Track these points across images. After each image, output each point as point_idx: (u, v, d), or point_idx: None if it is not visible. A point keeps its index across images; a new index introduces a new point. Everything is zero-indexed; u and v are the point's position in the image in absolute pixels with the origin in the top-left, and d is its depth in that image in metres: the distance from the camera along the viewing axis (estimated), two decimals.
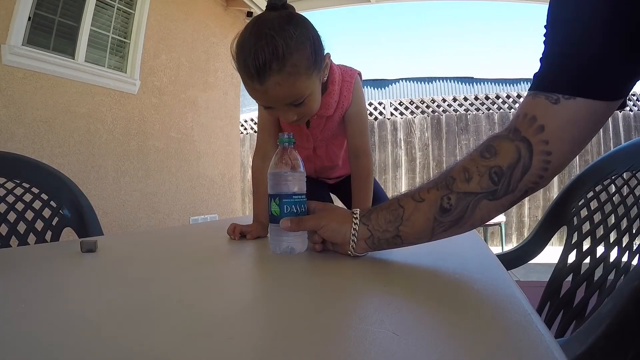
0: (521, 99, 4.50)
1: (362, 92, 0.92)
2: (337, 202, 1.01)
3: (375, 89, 11.02)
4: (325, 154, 0.96)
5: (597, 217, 0.87)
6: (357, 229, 0.57)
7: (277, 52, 0.66)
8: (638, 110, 4.88)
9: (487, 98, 5.14)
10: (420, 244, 0.58)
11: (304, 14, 0.81)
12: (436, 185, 0.54)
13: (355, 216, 0.58)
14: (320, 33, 0.76)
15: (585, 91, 0.46)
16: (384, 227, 0.56)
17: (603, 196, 0.89)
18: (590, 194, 0.91)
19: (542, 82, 0.49)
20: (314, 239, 0.65)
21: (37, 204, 1.08)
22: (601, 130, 4.74)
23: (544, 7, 0.51)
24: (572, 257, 0.85)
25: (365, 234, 0.57)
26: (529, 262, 1.02)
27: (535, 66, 0.53)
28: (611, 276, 0.75)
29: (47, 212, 1.07)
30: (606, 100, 0.47)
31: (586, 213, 0.90)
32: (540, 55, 0.50)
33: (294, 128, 0.89)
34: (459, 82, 11.10)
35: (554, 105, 0.47)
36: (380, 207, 0.58)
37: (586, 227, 0.88)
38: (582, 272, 0.82)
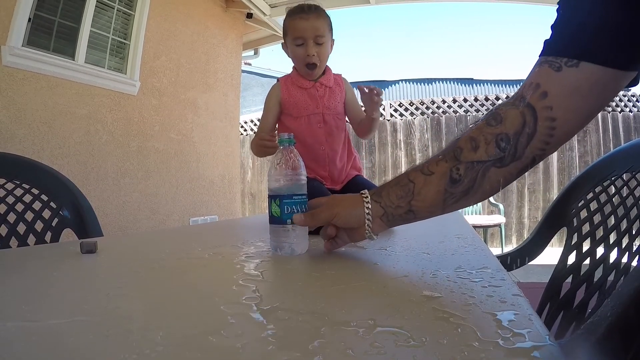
0: None
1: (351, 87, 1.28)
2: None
3: None
4: (334, 123, 1.17)
5: (597, 218, 0.87)
6: (370, 207, 0.57)
7: (319, 6, 1.15)
8: (638, 111, 4.89)
9: (486, 99, 5.14)
10: (421, 247, 0.57)
11: None
12: (444, 157, 0.54)
13: (365, 196, 0.59)
14: None
15: (589, 56, 0.46)
16: (395, 203, 0.56)
17: (603, 197, 0.89)
18: (590, 195, 0.91)
19: (549, 47, 0.50)
20: (327, 233, 0.63)
21: (37, 205, 1.08)
22: (601, 131, 4.75)
23: (544, 8, 0.52)
24: (572, 258, 0.85)
25: (379, 212, 0.57)
26: (529, 263, 1.02)
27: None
28: (611, 277, 0.75)
29: (47, 213, 1.07)
30: (610, 68, 0.46)
31: (586, 214, 0.90)
32: (552, 23, 0.51)
33: (307, 96, 1.16)
34: (459, 84, 11.10)
35: (557, 73, 0.48)
36: (389, 183, 0.59)
37: (586, 228, 0.88)
38: (582, 273, 0.82)
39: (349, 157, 1.21)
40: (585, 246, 0.85)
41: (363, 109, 1.22)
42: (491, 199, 4.54)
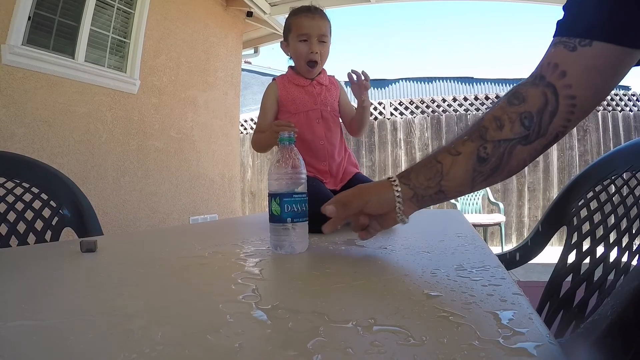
0: None
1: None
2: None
3: (375, 89, 11.02)
4: (332, 119, 1.22)
5: (597, 217, 0.87)
6: (399, 190, 0.58)
7: (322, 9, 1.21)
8: (638, 110, 4.88)
9: (487, 98, 5.14)
10: (421, 246, 0.57)
11: None
12: (470, 136, 0.55)
13: (393, 180, 0.59)
14: None
15: (601, 35, 0.48)
16: (425, 184, 0.57)
17: (603, 196, 0.89)
18: (590, 194, 0.91)
19: (562, 28, 0.52)
20: (360, 223, 0.63)
21: (36, 204, 1.08)
22: (601, 130, 4.75)
23: (545, 7, 0.53)
24: (571, 257, 0.85)
25: (409, 194, 0.58)
26: (529, 262, 1.02)
27: (534, 66, 0.56)
28: (611, 276, 0.75)
29: (46, 212, 1.07)
30: (621, 46, 0.48)
31: (586, 213, 0.90)
32: (564, 4, 0.53)
33: (304, 93, 1.20)
34: (459, 82, 11.09)
35: (572, 53, 0.50)
36: (416, 165, 0.60)
37: (586, 227, 0.88)
38: (581, 272, 0.82)
39: (345, 152, 1.26)
40: (585, 245, 0.85)
41: (354, 104, 1.27)
42: (491, 197, 4.54)
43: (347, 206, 0.61)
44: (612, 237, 0.80)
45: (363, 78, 1.15)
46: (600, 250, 0.81)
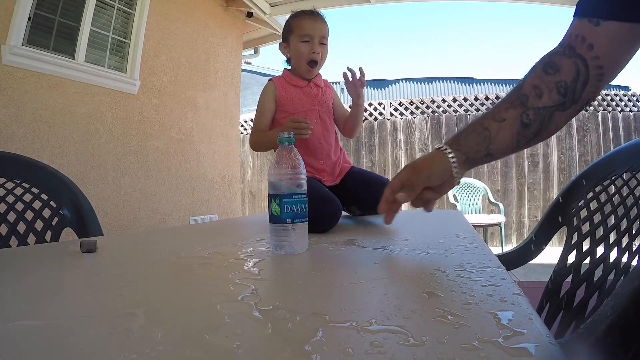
0: None
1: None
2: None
3: (375, 89, 11.02)
4: (328, 120, 1.27)
5: (597, 217, 0.87)
6: (454, 156, 0.63)
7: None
8: (638, 110, 4.88)
9: (487, 98, 5.14)
10: (421, 246, 0.57)
11: None
12: (512, 104, 0.60)
13: (445, 149, 0.63)
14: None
15: (618, 16, 0.53)
16: (475, 148, 0.62)
17: (603, 197, 0.89)
18: (590, 194, 0.91)
19: (583, 10, 0.57)
20: (424, 199, 0.65)
21: (37, 204, 1.08)
22: (601, 130, 4.75)
23: (544, 8, 0.55)
24: (571, 258, 0.85)
25: (462, 158, 0.63)
26: (529, 262, 1.02)
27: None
28: (611, 277, 0.75)
29: (47, 212, 1.07)
30: (638, 22, 0.52)
31: (586, 214, 0.90)
32: None
33: (302, 94, 1.24)
34: (459, 83, 11.09)
35: (597, 27, 0.55)
36: (464, 131, 0.64)
37: (586, 227, 0.88)
38: (581, 272, 0.82)
39: (340, 152, 1.30)
40: (585, 245, 0.84)
41: (348, 106, 1.30)
42: (491, 198, 4.54)
43: (413, 186, 0.64)
44: (612, 237, 0.80)
45: (359, 74, 1.17)
46: (600, 250, 0.81)
